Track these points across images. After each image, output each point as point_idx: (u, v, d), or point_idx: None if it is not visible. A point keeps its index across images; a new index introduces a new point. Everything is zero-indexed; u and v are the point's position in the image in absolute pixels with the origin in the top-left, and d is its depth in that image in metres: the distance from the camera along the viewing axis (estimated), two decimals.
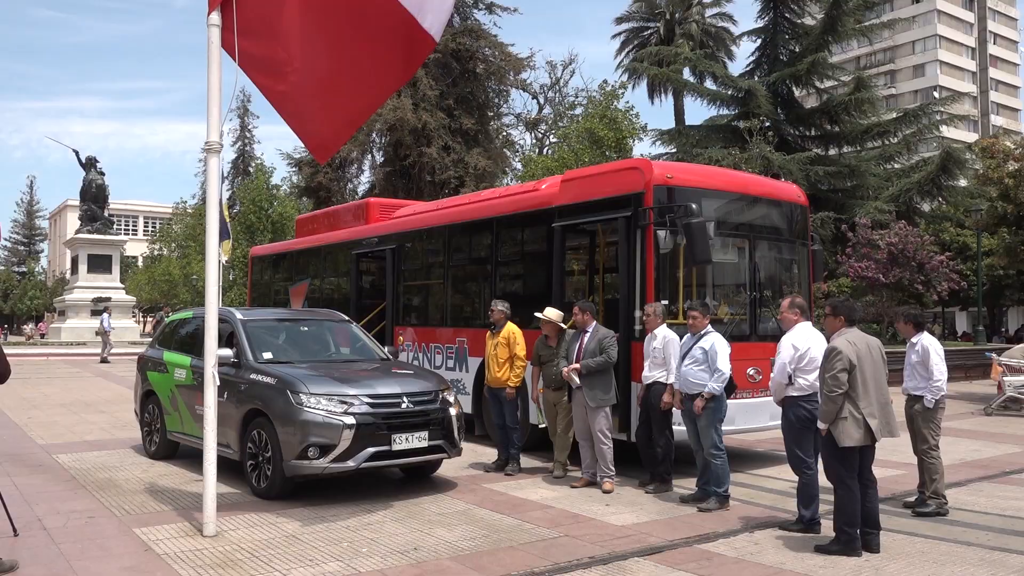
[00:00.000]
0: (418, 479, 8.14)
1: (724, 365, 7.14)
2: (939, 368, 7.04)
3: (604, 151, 27.42)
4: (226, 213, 20.40)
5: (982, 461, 9.50)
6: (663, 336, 7.73)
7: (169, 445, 9.12)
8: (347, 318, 9.65)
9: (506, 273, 11.09)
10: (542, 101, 43.76)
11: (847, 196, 28.68)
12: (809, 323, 6.74)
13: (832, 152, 30.98)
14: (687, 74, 35.10)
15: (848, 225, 24.08)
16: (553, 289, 9.58)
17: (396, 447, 7.14)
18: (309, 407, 6.98)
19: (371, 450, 6.99)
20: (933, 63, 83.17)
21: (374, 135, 36.69)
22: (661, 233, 8.31)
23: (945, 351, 7.41)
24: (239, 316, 8.49)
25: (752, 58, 32.73)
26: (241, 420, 7.54)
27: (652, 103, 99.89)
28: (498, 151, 37.97)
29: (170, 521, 6.48)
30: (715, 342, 7.21)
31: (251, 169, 52.55)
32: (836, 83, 32.79)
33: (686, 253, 8.26)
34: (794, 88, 31.21)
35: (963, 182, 29.90)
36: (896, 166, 30.97)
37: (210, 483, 6.10)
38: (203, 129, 6.20)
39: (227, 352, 7.49)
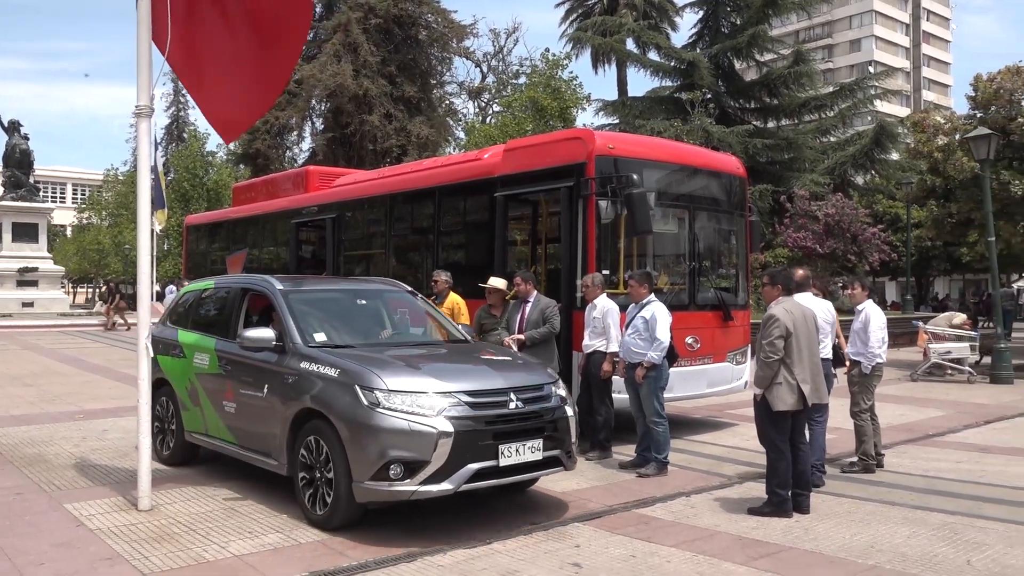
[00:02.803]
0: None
1: (664, 334, 7.25)
2: (876, 336, 7.30)
3: (547, 121, 27.37)
4: (162, 180, 19.82)
5: (907, 425, 9.89)
6: (602, 306, 7.80)
7: (187, 448, 7.27)
8: (410, 288, 7.75)
9: (449, 243, 11.03)
10: (485, 70, 43.35)
11: (785, 168, 29.23)
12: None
13: (771, 125, 31.49)
14: (631, 45, 35.12)
15: (786, 197, 24.59)
16: (496, 259, 9.57)
17: (504, 461, 5.35)
18: (388, 408, 5.24)
19: (474, 467, 5.21)
20: (869, 38, 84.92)
21: (313, 101, 35.92)
22: (603, 203, 8.35)
23: None
24: (279, 286, 6.68)
25: (695, 30, 32.94)
26: (290, 423, 5.79)
27: (596, 73, 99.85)
28: (441, 120, 37.57)
29: (103, 496, 6.32)
30: (656, 311, 7.31)
31: (185, 135, 51.03)
32: (776, 56, 33.21)
33: (627, 223, 8.33)
34: (735, 61, 31.55)
35: (895, 156, 30.72)
36: (832, 139, 31.64)
37: (144, 456, 5.97)
38: (134, 93, 6.01)
39: (267, 333, 6.14)
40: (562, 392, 6.01)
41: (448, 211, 10.98)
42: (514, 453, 5.41)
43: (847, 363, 7.50)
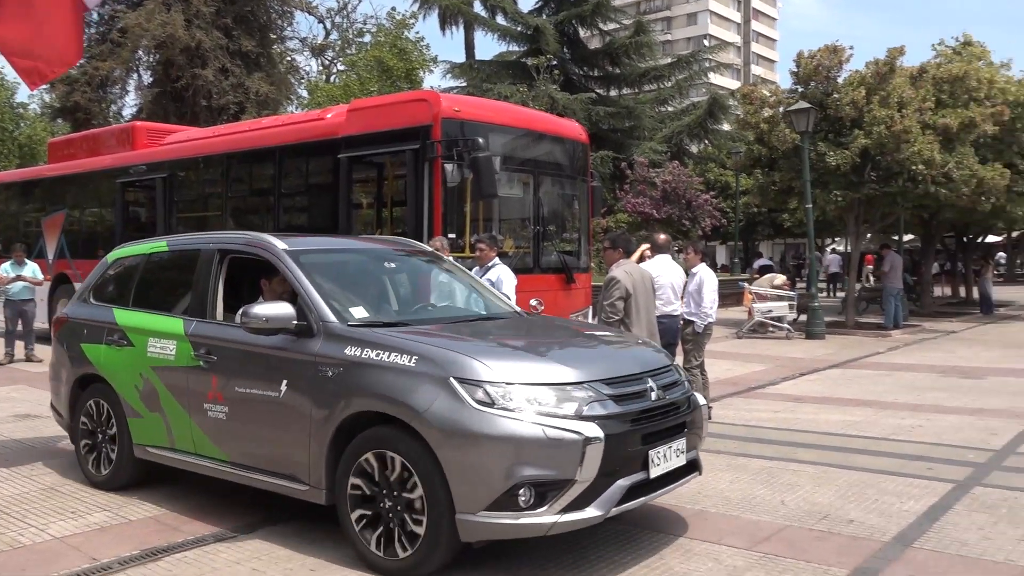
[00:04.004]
0: None
1: (511, 296, 7.36)
2: (709, 298, 7.77)
3: (394, 82, 26.92)
4: None
5: (733, 379, 10.61)
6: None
7: (136, 467, 5.50)
8: (431, 248, 6.50)
9: (290, 205, 10.68)
10: (329, 26, 41.85)
11: (625, 136, 30.28)
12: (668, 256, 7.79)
13: (613, 93, 32.49)
14: (478, 7, 35.00)
15: (626, 163, 25.53)
16: (340, 222, 9.37)
17: (655, 472, 4.18)
18: (507, 409, 3.85)
19: (624, 482, 4.00)
20: (704, 12, 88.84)
21: (140, 52, 33.41)
22: (448, 166, 8.34)
23: None
24: (281, 245, 5.04)
25: None
26: (333, 433, 4.29)
27: (444, 35, 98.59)
28: (282, 77, 35.94)
29: None
30: (501, 274, 7.41)
31: None
32: (618, 26, 34.14)
33: (473, 187, 8.37)
34: (580, 29, 32.20)
35: (726, 126, 32.56)
36: (670, 109, 33.11)
37: None
38: None
39: (286, 309, 4.56)
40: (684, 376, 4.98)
41: (289, 172, 10.62)
42: (663, 460, 4.24)
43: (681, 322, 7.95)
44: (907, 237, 26.73)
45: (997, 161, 17.17)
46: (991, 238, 30.67)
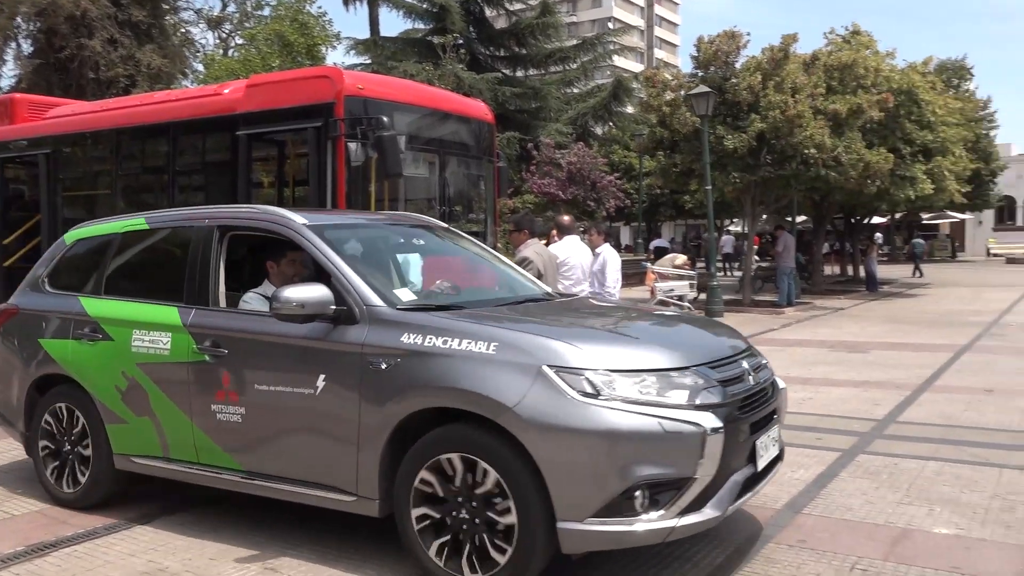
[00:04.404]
0: None
1: (416, 277, 7.32)
2: (612, 277, 7.95)
3: (295, 58, 26.21)
4: None
5: None
6: None
7: (115, 481, 4.83)
8: (445, 225, 5.91)
9: (186, 184, 10.29)
10: None
11: (532, 117, 30.41)
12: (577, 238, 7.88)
13: (519, 74, 32.54)
14: None
15: (532, 145, 25.66)
16: (239, 202, 9.07)
17: (761, 464, 3.87)
18: (614, 399, 3.41)
19: (738, 478, 3.66)
20: None
21: (19, 20, 31.39)
22: (352, 145, 8.19)
23: None
24: (300, 219, 4.42)
25: None
26: (389, 435, 3.77)
27: (347, 10, 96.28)
28: (176, 50, 34.43)
29: None
30: (409, 256, 7.35)
31: None
32: (524, 6, 34.16)
33: (377, 166, 8.25)
34: (486, 8, 32.03)
35: (630, 109, 33.13)
36: (575, 91, 33.42)
37: None
38: None
39: (322, 292, 3.93)
40: None
41: (185, 149, 10.22)
42: (765, 451, 3.90)
43: None
44: (800, 218, 27.90)
45: (882, 146, 18.10)
46: (876, 219, 32.37)
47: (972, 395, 8.03)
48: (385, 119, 8.19)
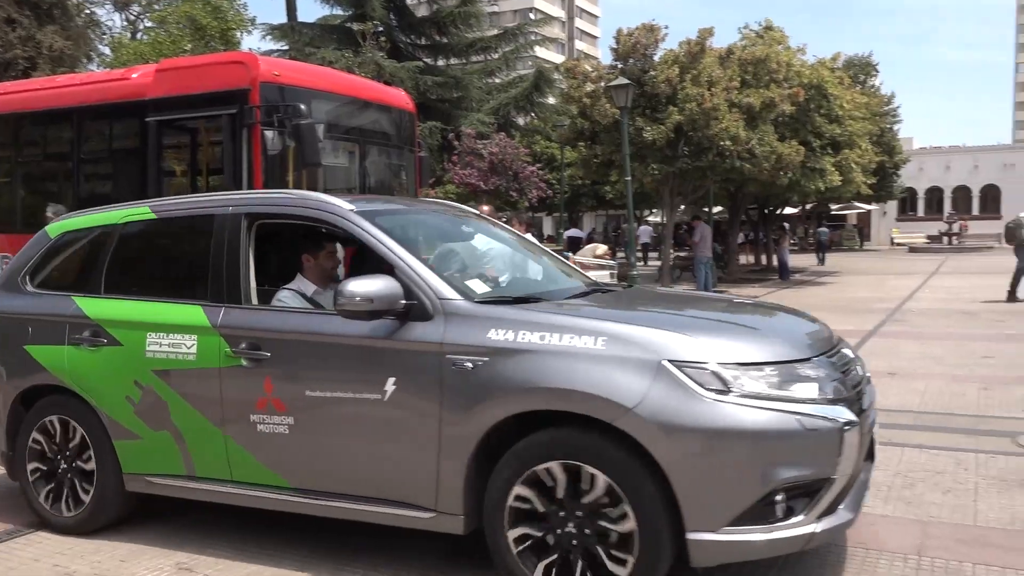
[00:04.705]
0: None
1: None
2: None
3: (208, 42, 25.40)
4: None
5: None
6: None
7: (124, 503, 4.30)
8: (477, 211, 5.58)
9: (92, 172, 9.90)
10: None
11: (453, 107, 30.27)
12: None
13: (440, 63, 32.33)
14: None
15: (454, 135, 25.58)
16: (149, 191, 8.77)
17: (876, 459, 3.77)
18: (746, 396, 3.11)
19: (864, 476, 3.49)
20: None
21: None
22: (268, 133, 8.01)
23: None
24: (348, 206, 3.96)
25: None
26: (477, 444, 3.38)
27: None
28: (80, 31, 32.92)
29: None
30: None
31: None
32: None
33: (295, 155, 8.10)
34: None
35: (551, 100, 33.32)
36: (497, 81, 33.43)
37: None
38: None
39: (391, 285, 3.51)
40: None
41: (91, 136, 9.81)
42: (874, 445, 3.69)
43: None
44: (716, 209, 28.66)
45: (794, 139, 18.73)
46: (788, 210, 33.50)
47: (876, 378, 8.34)
48: (303, 107, 8.03)
